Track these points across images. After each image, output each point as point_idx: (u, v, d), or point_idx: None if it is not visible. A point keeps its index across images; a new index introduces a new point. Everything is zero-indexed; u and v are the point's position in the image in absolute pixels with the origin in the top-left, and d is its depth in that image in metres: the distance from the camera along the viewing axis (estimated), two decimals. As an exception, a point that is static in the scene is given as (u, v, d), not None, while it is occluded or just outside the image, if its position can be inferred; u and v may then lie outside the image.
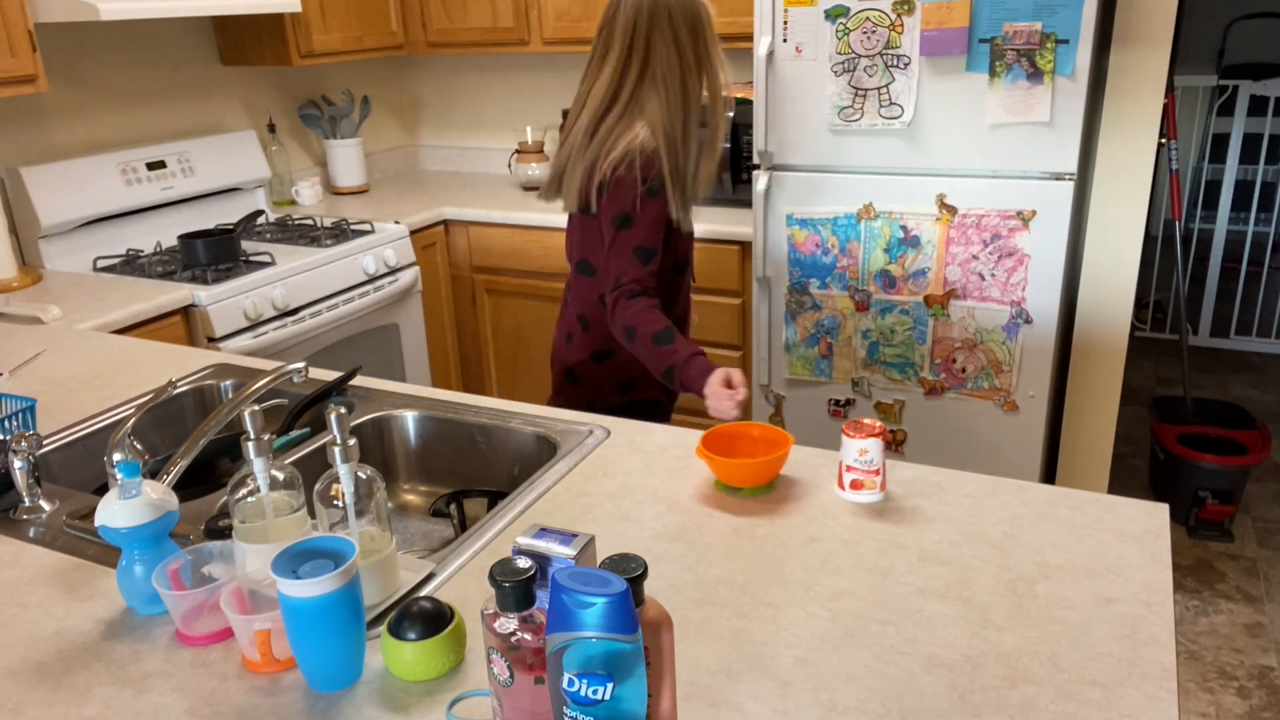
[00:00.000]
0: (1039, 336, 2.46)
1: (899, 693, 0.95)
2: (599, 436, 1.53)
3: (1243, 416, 3.18)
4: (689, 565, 1.18)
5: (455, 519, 1.55)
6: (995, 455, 2.61)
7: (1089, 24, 2.20)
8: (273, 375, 1.36)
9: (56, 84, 2.79)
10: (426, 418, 1.66)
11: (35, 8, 2.39)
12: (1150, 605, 1.07)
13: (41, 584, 1.20)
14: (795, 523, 1.27)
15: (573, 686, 0.77)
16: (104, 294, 2.43)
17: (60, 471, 1.60)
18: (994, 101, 2.34)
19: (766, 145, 2.62)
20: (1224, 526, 3.03)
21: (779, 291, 2.74)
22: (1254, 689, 2.39)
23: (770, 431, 1.41)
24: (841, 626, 1.06)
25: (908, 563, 1.17)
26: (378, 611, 1.10)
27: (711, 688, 0.97)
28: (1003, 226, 2.42)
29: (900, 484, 1.36)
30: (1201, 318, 4.53)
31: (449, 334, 3.47)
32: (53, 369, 1.93)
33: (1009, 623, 1.05)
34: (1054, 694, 0.94)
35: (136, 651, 1.06)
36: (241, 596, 1.03)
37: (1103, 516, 1.25)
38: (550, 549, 0.92)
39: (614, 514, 1.31)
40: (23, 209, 2.65)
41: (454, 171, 4.06)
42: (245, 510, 1.08)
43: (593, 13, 3.19)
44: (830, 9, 2.43)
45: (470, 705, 0.96)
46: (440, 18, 3.47)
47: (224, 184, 3.14)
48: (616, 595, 0.74)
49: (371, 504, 1.10)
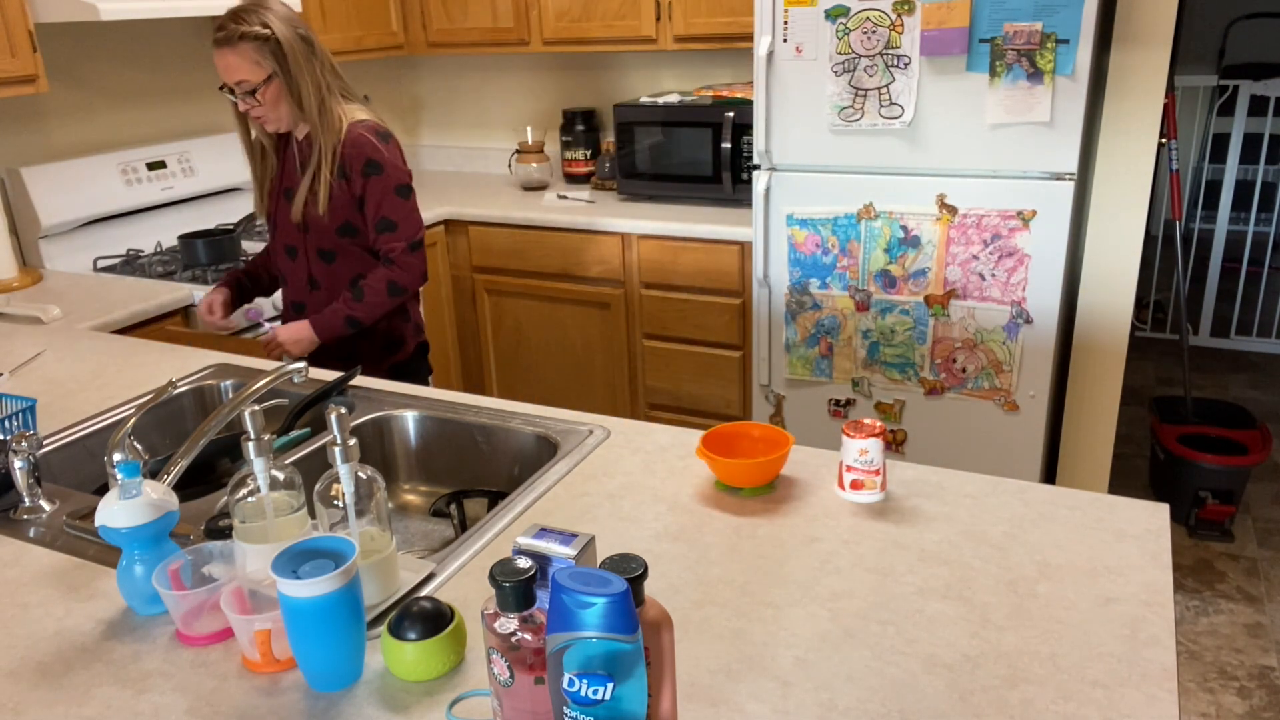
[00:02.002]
0: (1039, 336, 2.46)
1: (899, 693, 0.95)
2: (599, 436, 1.53)
3: (1243, 416, 3.18)
4: (689, 565, 1.18)
5: (455, 519, 1.55)
6: (995, 455, 2.61)
7: (1089, 24, 2.20)
8: (273, 375, 1.36)
9: (57, 84, 2.79)
10: (426, 418, 1.66)
11: (35, 8, 2.39)
12: (1150, 605, 1.07)
13: (42, 584, 1.20)
14: (795, 523, 1.27)
15: (573, 686, 0.77)
16: (104, 294, 2.43)
17: (60, 471, 1.60)
18: (994, 101, 2.34)
19: (767, 145, 2.62)
20: (1224, 526, 3.03)
21: (779, 291, 2.74)
22: (1254, 689, 2.39)
23: (770, 431, 1.41)
24: (842, 626, 1.06)
25: (908, 563, 1.17)
26: (378, 611, 1.10)
27: (711, 688, 0.97)
28: (1003, 226, 2.42)
29: (900, 484, 1.36)
30: (1202, 318, 4.53)
31: (449, 334, 3.47)
32: (53, 369, 1.93)
33: (1009, 623, 1.05)
34: (1054, 694, 0.94)
35: (137, 651, 1.06)
36: (241, 596, 1.03)
37: (1103, 516, 1.25)
38: (550, 549, 0.92)
39: (614, 514, 1.31)
40: (23, 209, 2.65)
41: (454, 171, 4.06)
42: (245, 510, 1.08)
43: (593, 13, 3.19)
44: (830, 9, 2.43)
45: (470, 705, 0.96)
46: (440, 18, 3.48)
47: (224, 184, 3.14)
48: (617, 595, 0.74)
49: (371, 504, 1.10)
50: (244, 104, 1.96)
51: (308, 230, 2.09)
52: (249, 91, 1.93)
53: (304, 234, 2.10)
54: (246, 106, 1.96)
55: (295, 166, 2.08)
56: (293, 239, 2.13)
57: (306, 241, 2.10)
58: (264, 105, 1.96)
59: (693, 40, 3.09)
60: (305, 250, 2.12)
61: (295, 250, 2.14)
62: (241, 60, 1.91)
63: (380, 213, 2.04)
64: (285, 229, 2.13)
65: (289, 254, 2.15)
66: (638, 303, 3.12)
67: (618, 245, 3.08)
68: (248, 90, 1.94)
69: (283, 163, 2.12)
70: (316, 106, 1.97)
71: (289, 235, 2.13)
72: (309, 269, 2.13)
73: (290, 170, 2.10)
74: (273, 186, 2.14)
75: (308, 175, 2.03)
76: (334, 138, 2.00)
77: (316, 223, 2.06)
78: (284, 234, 2.14)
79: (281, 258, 2.17)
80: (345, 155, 2.00)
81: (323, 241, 2.09)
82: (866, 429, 1.30)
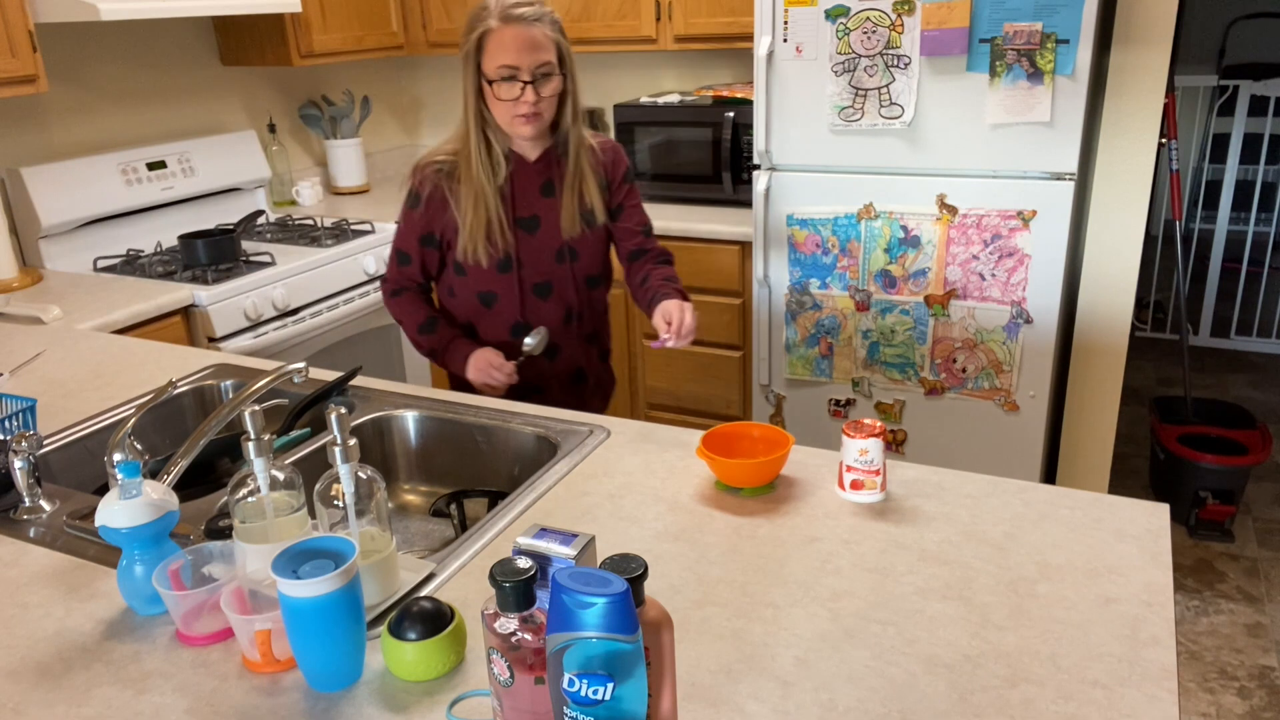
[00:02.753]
0: (1039, 336, 2.46)
1: (899, 693, 0.95)
2: (599, 436, 1.53)
3: (1243, 416, 3.18)
4: (689, 565, 1.18)
5: (455, 519, 1.55)
6: (995, 455, 2.61)
7: (1089, 24, 2.20)
8: (273, 375, 1.36)
9: (57, 84, 2.79)
10: (427, 418, 1.66)
11: (35, 8, 2.39)
12: (1151, 605, 1.07)
13: (42, 584, 1.20)
14: (795, 523, 1.27)
15: (573, 687, 0.77)
16: (104, 294, 2.43)
17: (60, 471, 1.60)
18: (994, 101, 2.34)
19: (767, 145, 2.62)
20: (1224, 526, 3.03)
21: (779, 291, 2.74)
22: (1254, 689, 2.39)
23: (770, 431, 1.41)
24: (842, 626, 1.05)
25: (908, 563, 1.17)
26: (378, 611, 1.10)
27: (712, 688, 0.97)
28: (1003, 226, 2.42)
29: (901, 484, 1.36)
30: (1202, 318, 4.53)
31: (449, 334, 3.47)
32: (53, 369, 1.93)
33: (1009, 623, 1.05)
34: (1054, 694, 0.94)
35: (137, 651, 1.06)
36: (242, 596, 1.03)
37: (1103, 516, 1.25)
38: (550, 549, 0.92)
39: (614, 514, 1.31)
40: (23, 209, 2.65)
41: (454, 171, 4.06)
42: (245, 510, 1.08)
43: (593, 13, 3.19)
44: (830, 9, 2.43)
45: (470, 705, 0.96)
46: (440, 18, 3.48)
47: (224, 184, 3.14)
48: (617, 595, 0.74)
49: (372, 504, 1.10)
50: (527, 96, 1.70)
51: (575, 258, 1.88)
52: (546, 74, 1.71)
53: (569, 263, 1.88)
54: (531, 98, 1.71)
55: (534, 190, 1.84)
56: (546, 273, 1.87)
57: (573, 271, 1.89)
58: (544, 100, 1.73)
59: (693, 40, 3.09)
60: (570, 281, 1.89)
61: (550, 287, 1.89)
62: (547, 41, 1.70)
63: (639, 216, 1.94)
64: (533, 265, 1.86)
65: (539, 293, 1.88)
66: (638, 303, 3.12)
67: (618, 245, 3.08)
68: (547, 73, 1.71)
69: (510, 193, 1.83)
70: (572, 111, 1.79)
71: (538, 271, 1.87)
72: (569, 302, 1.91)
73: (526, 197, 1.84)
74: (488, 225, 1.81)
75: (570, 193, 1.83)
76: (586, 146, 1.83)
77: (587, 246, 1.88)
78: (531, 271, 1.86)
79: (527, 300, 1.88)
80: (607, 164, 1.87)
81: (592, 266, 1.91)
82: (866, 429, 1.30)
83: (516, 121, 1.74)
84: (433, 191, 1.82)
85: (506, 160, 1.80)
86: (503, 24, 1.68)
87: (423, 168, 1.83)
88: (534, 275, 1.87)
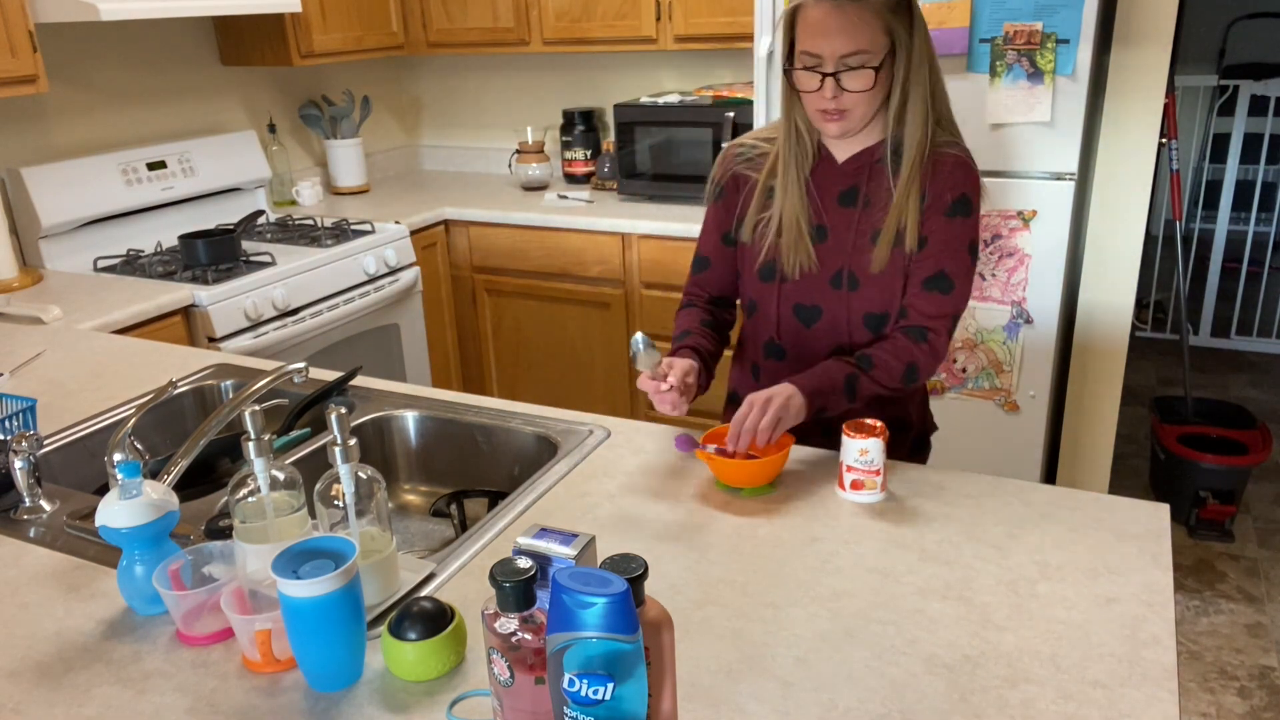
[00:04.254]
0: (1039, 336, 2.46)
1: (899, 693, 0.95)
2: (599, 436, 1.53)
3: (1243, 416, 3.18)
4: (689, 565, 1.18)
5: (455, 519, 1.55)
6: (995, 455, 2.61)
7: (1089, 24, 2.20)
8: (273, 375, 1.36)
9: (57, 84, 2.79)
10: (427, 418, 1.66)
11: (35, 8, 2.39)
12: (1151, 605, 1.07)
13: (42, 584, 1.20)
14: (796, 523, 1.27)
15: (573, 686, 0.77)
16: (104, 294, 2.43)
17: (61, 471, 1.60)
18: (994, 101, 2.34)
19: (767, 145, 2.62)
20: (1225, 526, 3.03)
21: (779, 291, 2.73)
22: (1255, 689, 2.39)
23: (771, 431, 1.40)
24: (842, 626, 1.05)
25: (908, 563, 1.17)
26: (378, 611, 1.10)
27: (712, 688, 0.97)
28: (1003, 226, 2.42)
29: (901, 484, 1.36)
30: (1202, 318, 4.53)
31: (449, 334, 3.47)
32: (53, 369, 1.93)
33: (1009, 623, 1.05)
34: (1054, 694, 0.94)
35: (137, 651, 1.06)
36: (242, 596, 1.03)
37: (1103, 516, 1.25)
38: (551, 549, 0.92)
39: (614, 514, 1.31)
40: (23, 209, 2.65)
41: (454, 172, 4.06)
42: (246, 510, 1.08)
43: (593, 13, 3.19)
44: (830, 9, 2.42)
45: (470, 705, 0.96)
46: (440, 18, 3.47)
47: (224, 184, 3.14)
48: (617, 595, 0.74)
49: (372, 504, 1.10)
50: (825, 90, 1.37)
51: (855, 287, 1.49)
52: (858, 66, 1.34)
53: (845, 291, 1.50)
54: (830, 93, 1.37)
55: (831, 196, 1.50)
56: (814, 297, 1.52)
57: (849, 302, 1.50)
58: (850, 96, 1.37)
59: (693, 40, 3.09)
60: (845, 313, 1.51)
61: (819, 313, 1.53)
62: (866, 26, 1.33)
63: (941, 264, 1.44)
64: (801, 281, 1.52)
65: (801, 317, 1.54)
66: (638, 303, 3.12)
67: (618, 245, 3.08)
68: (859, 64, 1.34)
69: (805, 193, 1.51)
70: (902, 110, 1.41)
71: (803, 290, 1.53)
72: (842, 340, 1.53)
73: (819, 202, 1.50)
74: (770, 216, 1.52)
75: (873, 212, 1.46)
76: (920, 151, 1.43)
77: (876, 278, 1.47)
78: (795, 288, 1.53)
79: (784, 321, 1.56)
80: (938, 178, 1.44)
81: (874, 301, 1.49)
82: (867, 429, 1.31)
83: (819, 117, 1.42)
84: (732, 180, 1.58)
85: (815, 154, 1.50)
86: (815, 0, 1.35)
87: (726, 152, 1.60)
88: (798, 294, 1.53)
